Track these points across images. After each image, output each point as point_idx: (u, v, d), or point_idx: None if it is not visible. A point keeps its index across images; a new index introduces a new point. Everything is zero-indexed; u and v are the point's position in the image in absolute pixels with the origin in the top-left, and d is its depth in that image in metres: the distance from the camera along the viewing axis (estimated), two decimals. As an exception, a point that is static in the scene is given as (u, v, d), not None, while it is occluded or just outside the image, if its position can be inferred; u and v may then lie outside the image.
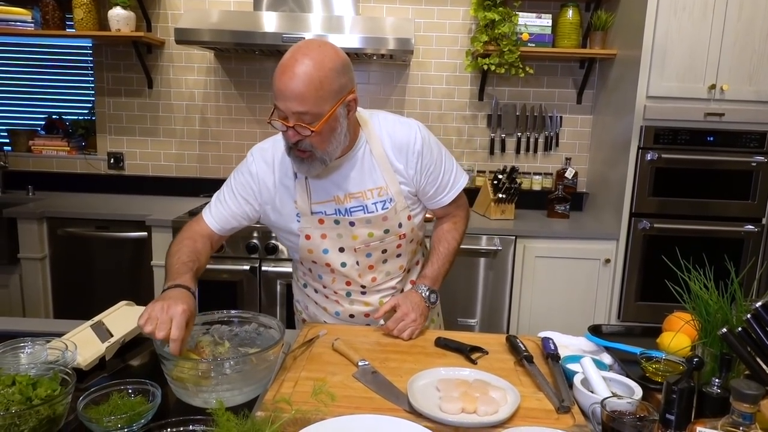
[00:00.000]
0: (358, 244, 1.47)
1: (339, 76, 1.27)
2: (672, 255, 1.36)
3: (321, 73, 1.23)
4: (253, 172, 1.46)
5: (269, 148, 1.48)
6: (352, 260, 1.50)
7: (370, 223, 1.45)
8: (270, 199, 1.47)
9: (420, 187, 1.50)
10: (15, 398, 0.96)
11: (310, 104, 1.23)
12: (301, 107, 1.23)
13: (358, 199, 1.44)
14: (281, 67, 1.25)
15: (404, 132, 1.45)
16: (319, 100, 1.24)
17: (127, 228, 2.83)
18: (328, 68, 1.25)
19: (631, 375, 1.18)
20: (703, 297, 1.15)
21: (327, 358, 1.31)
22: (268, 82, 3.33)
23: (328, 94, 1.25)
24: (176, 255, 1.36)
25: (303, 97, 1.23)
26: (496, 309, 2.92)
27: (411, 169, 1.46)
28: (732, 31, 2.64)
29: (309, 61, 1.23)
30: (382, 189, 1.45)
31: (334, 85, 1.26)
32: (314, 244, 1.48)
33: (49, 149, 3.43)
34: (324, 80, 1.24)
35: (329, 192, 1.44)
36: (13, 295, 2.90)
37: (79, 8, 3.01)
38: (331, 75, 1.25)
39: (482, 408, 1.05)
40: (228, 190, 1.49)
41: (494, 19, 2.92)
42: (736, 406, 0.82)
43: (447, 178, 1.53)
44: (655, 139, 2.75)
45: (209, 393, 1.09)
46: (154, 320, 1.11)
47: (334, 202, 1.45)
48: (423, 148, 1.45)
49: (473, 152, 3.40)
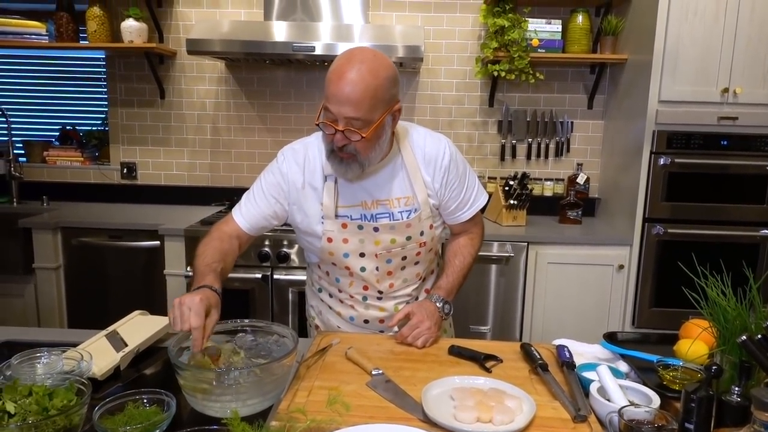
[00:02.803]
0: (380, 249, 1.48)
1: (392, 85, 1.31)
2: (686, 260, 1.34)
3: (377, 81, 1.27)
4: (283, 171, 1.48)
5: (300, 149, 1.50)
6: (372, 265, 1.51)
7: (393, 230, 1.47)
8: (297, 199, 1.48)
9: (443, 201, 1.53)
10: (32, 408, 0.97)
11: (363, 111, 1.27)
12: (355, 113, 1.27)
13: (385, 206, 1.47)
14: (337, 72, 1.27)
15: (434, 146, 1.49)
16: (372, 108, 1.28)
17: (140, 237, 2.85)
18: (383, 77, 1.29)
19: (648, 383, 1.16)
20: (721, 303, 1.13)
21: (340, 367, 1.30)
22: (279, 91, 3.35)
23: (381, 102, 1.29)
24: (202, 256, 1.38)
25: (358, 104, 1.26)
26: (508, 316, 2.90)
27: (437, 182, 1.49)
28: (744, 33, 2.62)
29: (366, 68, 1.26)
30: (409, 198, 1.48)
31: (387, 95, 1.30)
32: (335, 247, 1.48)
33: (63, 160, 3.47)
34: (379, 88, 1.27)
35: (357, 197, 1.46)
36: (28, 305, 2.93)
37: (93, 20, 3.05)
38: (386, 84, 1.29)
39: (498, 417, 1.04)
40: (258, 190, 1.51)
41: (504, 25, 2.92)
42: (758, 415, 0.80)
43: (469, 195, 1.57)
44: (668, 144, 2.73)
45: (223, 402, 1.09)
46: (176, 316, 1.14)
47: (361, 207, 1.47)
48: (450, 164, 1.49)
49: (484, 158, 3.39)
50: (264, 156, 3.42)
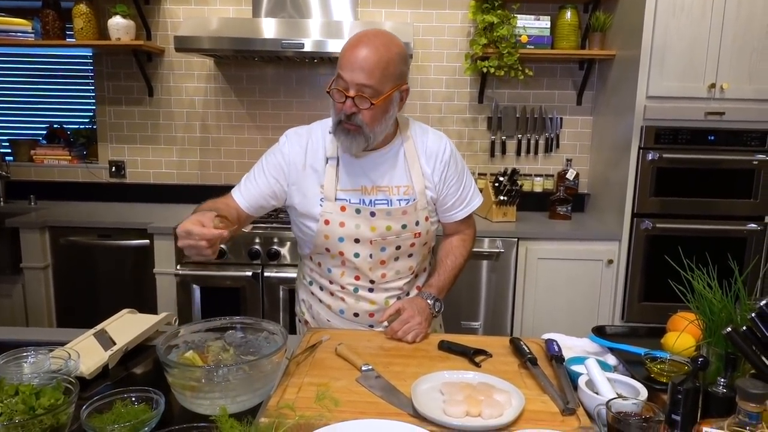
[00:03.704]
0: (375, 236, 1.50)
1: (402, 62, 1.40)
2: (674, 255, 1.35)
3: (389, 54, 1.35)
4: (285, 152, 1.52)
5: (304, 133, 1.55)
6: (366, 252, 1.52)
7: (390, 216, 1.49)
8: (297, 180, 1.51)
9: (441, 196, 1.56)
10: (18, 408, 0.96)
11: (375, 79, 1.33)
12: (367, 80, 1.33)
13: (384, 193, 1.50)
14: (353, 40, 1.36)
15: (436, 141, 1.56)
16: (384, 78, 1.35)
17: (129, 236, 2.83)
18: (395, 52, 1.37)
19: (636, 376, 1.18)
20: (707, 296, 1.14)
21: (330, 363, 1.30)
22: (268, 88, 3.33)
23: (392, 75, 1.36)
24: (206, 204, 1.42)
25: (371, 71, 1.33)
26: (499, 311, 2.91)
27: (437, 176, 1.54)
28: (731, 29, 2.64)
29: (379, 41, 1.35)
30: (408, 188, 1.52)
31: (397, 70, 1.38)
32: (331, 230, 1.49)
33: (51, 158, 3.44)
34: (390, 61, 1.35)
35: (358, 181, 1.50)
36: (16, 305, 2.90)
37: (79, 18, 3.02)
38: (397, 59, 1.37)
39: (487, 411, 1.04)
40: (259, 169, 1.54)
41: (493, 21, 2.93)
42: (743, 405, 0.81)
43: (465, 194, 1.61)
44: (656, 139, 2.75)
45: (212, 400, 1.09)
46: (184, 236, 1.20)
47: (361, 192, 1.50)
48: (450, 159, 1.55)
49: (474, 155, 3.40)
50: (254, 153, 3.41)
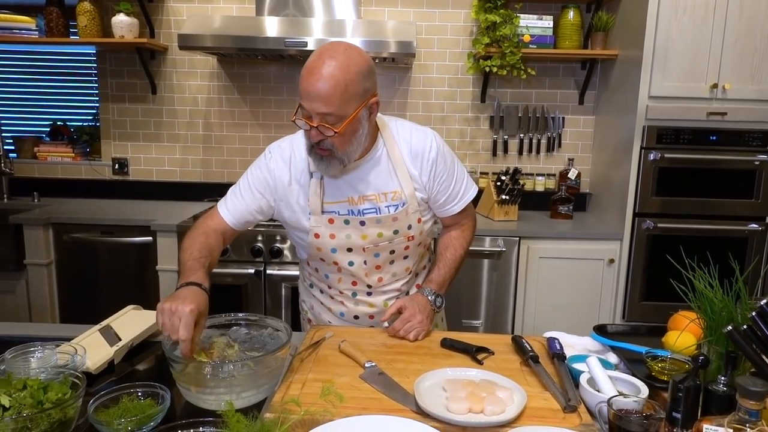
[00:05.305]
0: (367, 243, 1.48)
1: (364, 79, 1.30)
2: (676, 254, 1.36)
3: (347, 76, 1.26)
4: (270, 168, 1.48)
5: (287, 147, 1.50)
6: (360, 260, 1.51)
7: (380, 224, 1.47)
8: (284, 195, 1.48)
9: (432, 194, 1.52)
10: (26, 402, 0.97)
11: (334, 106, 1.27)
12: (326, 108, 1.27)
13: (371, 201, 1.47)
14: (308, 69, 1.27)
15: (420, 139, 1.48)
16: (344, 103, 1.28)
17: (132, 233, 2.85)
18: (354, 71, 1.28)
19: (637, 374, 1.18)
20: (708, 295, 1.15)
21: (334, 360, 1.31)
22: (271, 87, 3.34)
23: (353, 96, 1.28)
24: (188, 251, 1.37)
25: (328, 99, 1.26)
26: (500, 310, 2.92)
27: (425, 176, 1.48)
28: (733, 30, 2.64)
29: (335, 64, 1.26)
30: (396, 193, 1.47)
31: (359, 89, 1.29)
32: (323, 243, 1.49)
33: (54, 156, 3.45)
34: (349, 83, 1.27)
35: (344, 193, 1.46)
36: (19, 301, 2.91)
37: (83, 15, 3.03)
38: (357, 78, 1.28)
39: (489, 408, 1.05)
40: (244, 185, 1.51)
41: (495, 21, 2.93)
42: (743, 403, 0.82)
43: (458, 188, 1.56)
44: (658, 139, 2.75)
45: (217, 395, 1.10)
46: (166, 325, 1.12)
47: (348, 203, 1.47)
48: (437, 157, 1.48)
49: (476, 154, 3.40)
50: (256, 151, 3.39)
